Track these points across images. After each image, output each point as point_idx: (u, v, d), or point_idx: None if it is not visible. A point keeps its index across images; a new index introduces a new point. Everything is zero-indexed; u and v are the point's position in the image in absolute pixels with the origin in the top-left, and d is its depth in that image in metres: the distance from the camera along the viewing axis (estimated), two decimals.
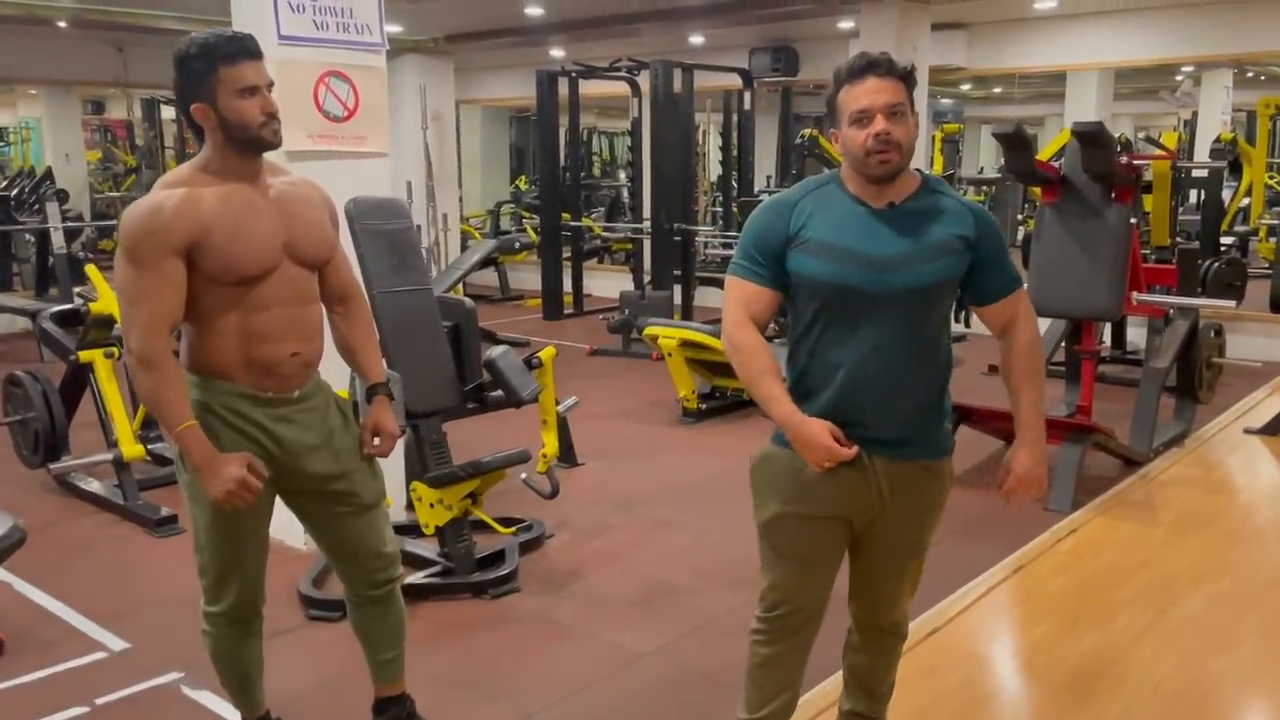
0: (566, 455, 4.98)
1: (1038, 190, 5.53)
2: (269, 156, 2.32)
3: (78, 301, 4.86)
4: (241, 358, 2.24)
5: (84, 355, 4.62)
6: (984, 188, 14.97)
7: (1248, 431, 5.49)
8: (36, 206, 10.35)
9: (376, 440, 2.43)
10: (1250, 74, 13.71)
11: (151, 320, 2.13)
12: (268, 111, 2.18)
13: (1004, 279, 2.10)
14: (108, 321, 4.63)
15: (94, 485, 4.68)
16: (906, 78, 1.99)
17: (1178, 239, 7.41)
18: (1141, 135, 9.74)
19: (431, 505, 3.60)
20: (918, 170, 2.07)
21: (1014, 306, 2.11)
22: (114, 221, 10.17)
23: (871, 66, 1.97)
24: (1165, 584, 3.63)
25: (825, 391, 2.03)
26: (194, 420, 2.17)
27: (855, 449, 2.01)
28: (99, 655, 3.21)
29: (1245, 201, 10.27)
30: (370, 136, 4.05)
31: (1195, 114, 12.94)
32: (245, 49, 2.17)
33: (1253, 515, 4.52)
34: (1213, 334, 6.00)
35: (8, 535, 2.64)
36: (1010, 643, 3.33)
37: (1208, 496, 4.69)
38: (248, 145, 2.19)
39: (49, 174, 11.75)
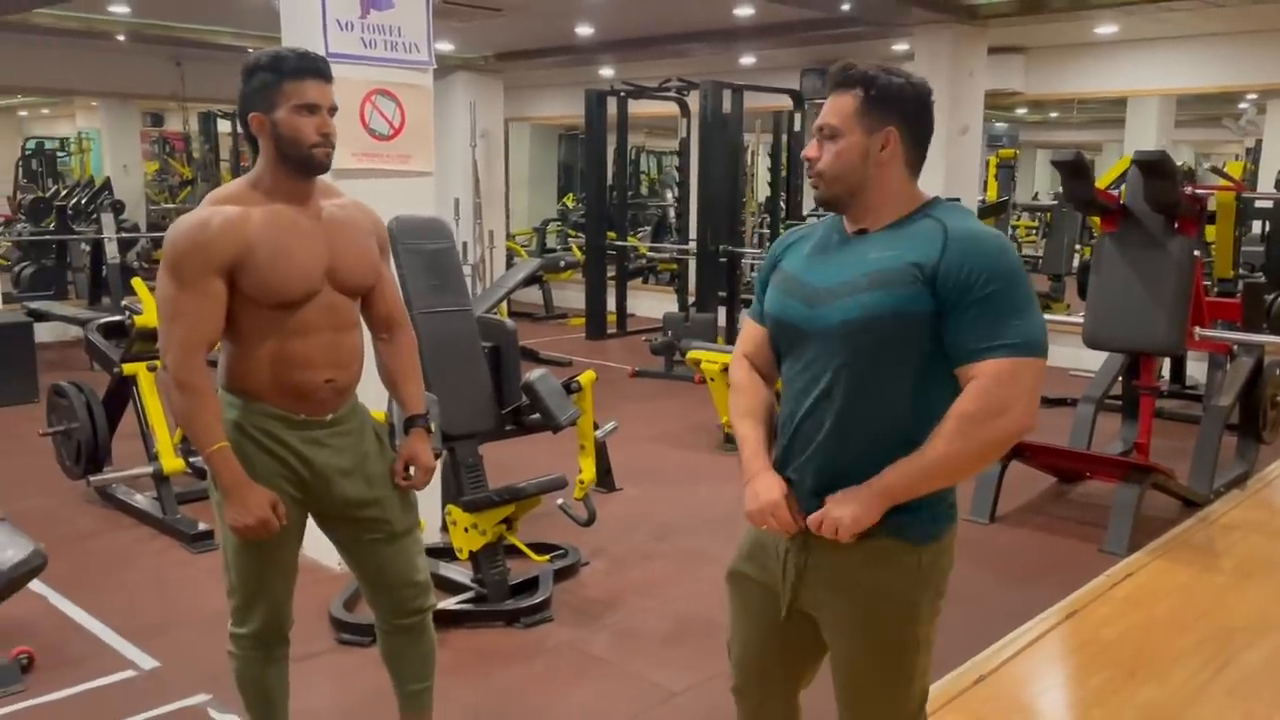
0: (605, 480, 4.91)
1: (1096, 219, 5.38)
2: (324, 179, 2.30)
3: (124, 314, 4.88)
4: (275, 381, 2.21)
5: (127, 368, 4.64)
6: (1039, 214, 14.75)
7: None
8: (94, 216, 10.55)
9: (411, 471, 2.38)
10: None
11: (188, 339, 2.11)
12: (323, 132, 2.15)
13: (977, 333, 1.57)
14: (152, 334, 4.64)
15: (134, 498, 4.69)
16: (866, 87, 1.65)
17: (1241, 271, 7.19)
18: (1207, 165, 9.45)
19: (466, 530, 3.54)
20: (936, 196, 1.74)
21: (976, 372, 1.58)
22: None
23: (827, 83, 1.72)
24: (1228, 635, 3.46)
25: (781, 439, 1.78)
26: (225, 442, 2.14)
27: (798, 524, 1.71)
28: (128, 674, 3.18)
29: None
30: (415, 155, 4.02)
31: (1259, 142, 12.63)
32: (314, 68, 2.16)
33: None
34: (1278, 372, 5.77)
35: (28, 560, 2.62)
36: (1064, 694, 3.18)
37: (1271, 542, 4.49)
38: (298, 163, 2.16)
39: (107, 184, 11.98)
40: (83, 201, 11.71)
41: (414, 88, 3.98)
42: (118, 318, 4.94)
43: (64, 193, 13.03)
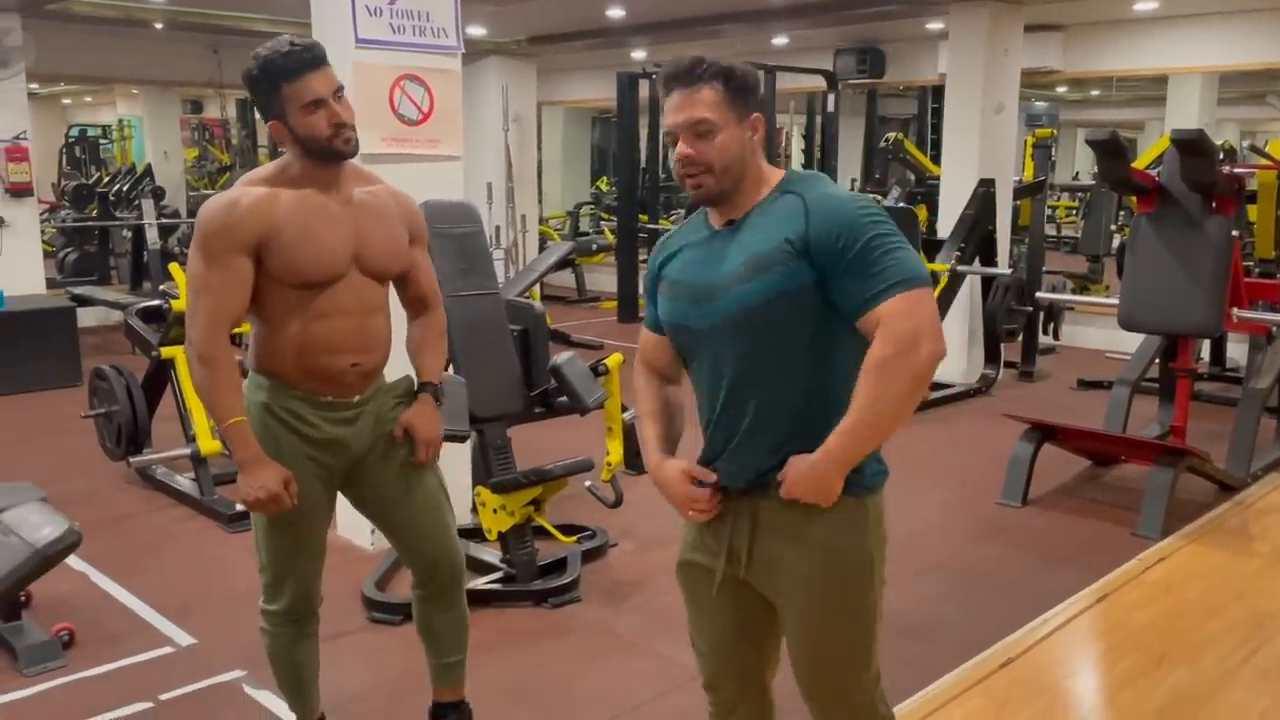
0: (633, 462, 4.92)
1: (1134, 199, 5.30)
2: (363, 166, 2.34)
3: (162, 299, 4.97)
4: (301, 364, 2.26)
5: (165, 351, 4.73)
6: (1079, 194, 14.53)
7: None
8: (136, 202, 10.72)
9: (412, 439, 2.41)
10: None
11: (213, 314, 2.17)
12: (335, 123, 2.17)
13: (861, 287, 1.60)
14: None
15: (174, 479, 4.78)
16: (726, 79, 1.66)
17: None
18: (1246, 144, 9.25)
19: (495, 511, 3.58)
20: (789, 170, 1.78)
21: (876, 319, 1.60)
22: None
23: (672, 79, 1.68)
24: (1259, 620, 3.42)
25: (705, 436, 1.80)
26: (243, 416, 2.20)
27: (708, 493, 1.74)
28: (165, 650, 3.27)
29: None
30: (444, 140, 4.05)
31: None
32: (304, 61, 2.15)
33: None
34: None
35: (63, 538, 2.69)
36: (1091, 677, 3.16)
37: None
38: (322, 155, 2.20)
39: (149, 171, 12.15)
40: (124, 188, 11.88)
41: (442, 72, 4.01)
42: (156, 303, 5.03)
43: (106, 179, 13.23)
